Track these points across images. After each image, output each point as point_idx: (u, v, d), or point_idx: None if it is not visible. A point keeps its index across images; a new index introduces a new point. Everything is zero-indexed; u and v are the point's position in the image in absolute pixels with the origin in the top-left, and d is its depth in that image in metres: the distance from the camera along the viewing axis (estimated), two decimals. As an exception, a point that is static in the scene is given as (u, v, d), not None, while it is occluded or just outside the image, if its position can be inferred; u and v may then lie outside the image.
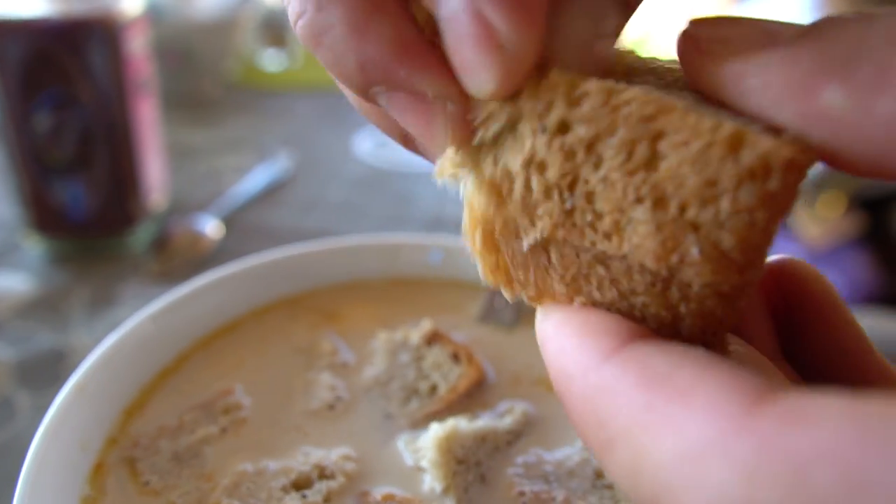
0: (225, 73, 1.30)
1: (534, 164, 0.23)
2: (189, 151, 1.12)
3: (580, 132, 0.22)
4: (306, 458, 0.44)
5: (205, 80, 1.26)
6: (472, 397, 0.49)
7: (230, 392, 0.48)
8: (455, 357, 0.51)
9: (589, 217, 0.23)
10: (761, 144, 0.20)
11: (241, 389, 0.49)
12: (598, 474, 0.45)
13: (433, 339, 0.52)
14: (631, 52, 0.26)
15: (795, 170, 0.20)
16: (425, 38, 0.25)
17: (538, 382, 0.52)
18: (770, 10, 1.82)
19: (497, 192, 0.25)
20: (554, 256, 0.25)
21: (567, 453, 0.46)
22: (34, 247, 0.84)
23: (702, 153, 0.20)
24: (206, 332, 0.53)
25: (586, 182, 0.23)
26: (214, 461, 0.44)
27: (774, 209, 0.21)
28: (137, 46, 0.80)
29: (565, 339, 0.23)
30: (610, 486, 0.44)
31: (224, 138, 1.17)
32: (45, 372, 0.68)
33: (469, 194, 0.26)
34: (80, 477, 0.41)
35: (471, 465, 0.44)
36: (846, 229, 1.81)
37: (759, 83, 0.21)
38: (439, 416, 0.47)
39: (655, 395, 0.19)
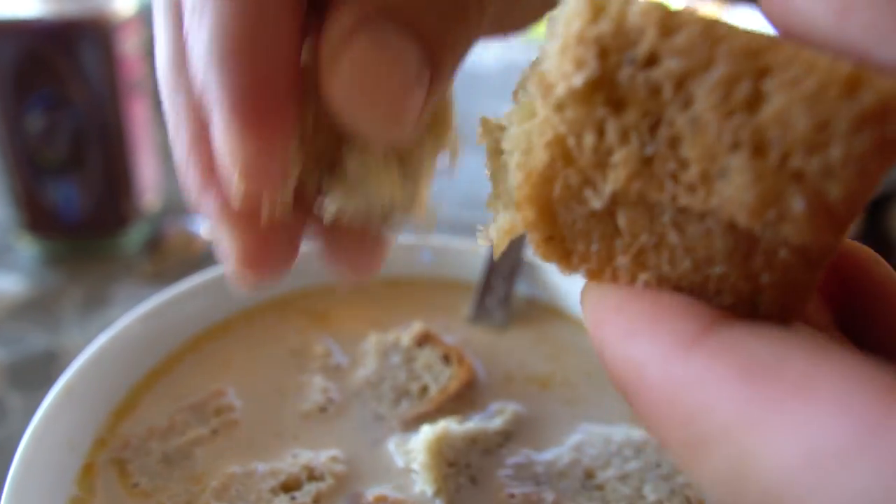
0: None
1: (611, 104, 0.21)
2: (183, 152, 1.11)
3: (671, 65, 0.19)
4: (295, 459, 0.44)
5: (200, 80, 1.26)
6: (464, 398, 0.49)
7: (222, 394, 0.48)
8: (446, 358, 0.51)
9: (672, 166, 0.20)
10: (882, 84, 0.18)
11: (234, 391, 0.49)
12: (588, 474, 0.45)
13: (424, 340, 0.52)
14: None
15: None
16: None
17: (530, 381, 0.52)
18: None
19: (562, 145, 0.22)
20: (622, 221, 0.22)
21: (557, 454, 0.46)
22: (27, 248, 0.84)
23: (815, 93, 0.18)
24: (196, 333, 0.53)
25: (671, 125, 0.20)
26: (204, 463, 0.43)
27: (887, 159, 0.18)
28: (131, 47, 0.80)
29: (633, 324, 0.20)
30: (601, 487, 0.44)
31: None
32: (38, 373, 0.68)
33: (522, 158, 0.23)
34: (69, 478, 0.41)
35: (461, 468, 0.44)
36: (842, 230, 1.81)
37: (866, 18, 0.19)
38: (430, 417, 0.47)
39: (763, 389, 0.16)
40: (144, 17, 0.86)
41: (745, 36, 0.19)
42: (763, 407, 0.16)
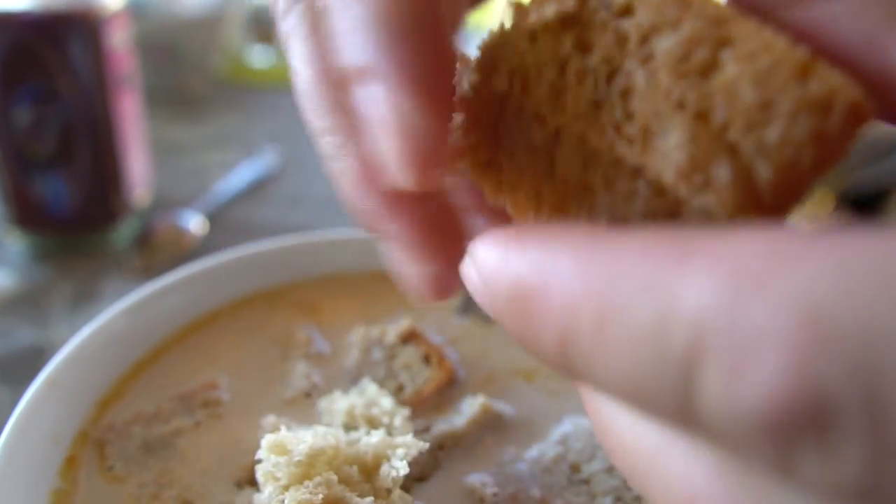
0: (211, 70, 1.30)
1: (578, 45, 0.21)
2: (174, 148, 1.11)
3: (641, 17, 0.20)
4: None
5: (190, 76, 1.26)
6: (442, 397, 0.49)
7: (214, 386, 0.48)
8: (426, 359, 0.51)
9: (618, 114, 0.21)
10: (832, 78, 0.18)
11: (225, 383, 0.48)
12: (574, 469, 0.45)
13: (409, 338, 0.52)
14: None
15: (855, 118, 0.19)
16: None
17: (516, 373, 0.52)
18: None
19: (523, 74, 0.23)
20: (559, 160, 0.23)
21: (542, 449, 0.46)
22: (16, 242, 0.84)
23: (767, 70, 0.19)
24: (181, 326, 0.52)
25: (628, 76, 0.21)
26: (182, 455, 0.43)
27: (821, 154, 0.19)
28: (119, 41, 0.79)
29: (531, 236, 0.21)
30: (587, 481, 0.44)
31: (210, 135, 1.17)
32: (25, 367, 0.68)
33: (477, 78, 0.24)
34: (52, 470, 0.41)
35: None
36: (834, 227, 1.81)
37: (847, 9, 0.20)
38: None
39: (668, 254, 0.17)
40: (133, 10, 0.85)
41: (714, 6, 0.20)
42: (673, 268, 0.17)
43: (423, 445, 0.39)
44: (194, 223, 0.88)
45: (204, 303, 0.54)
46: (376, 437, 0.39)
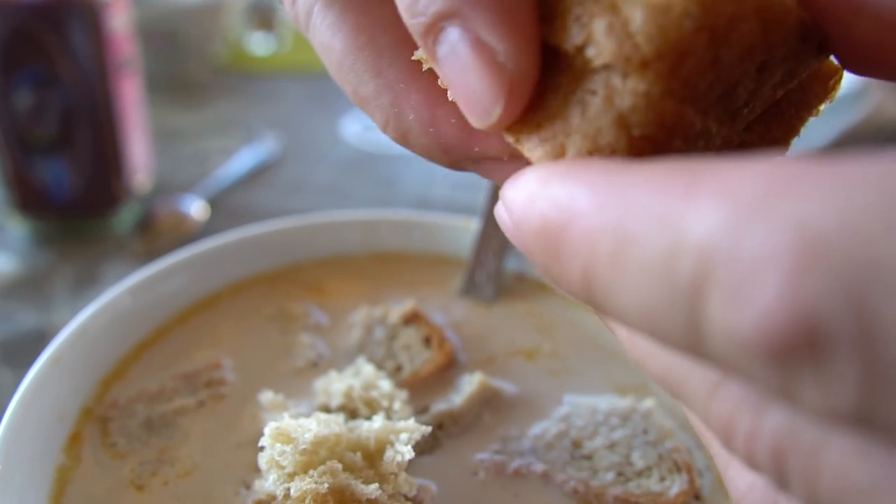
0: (212, 56, 1.30)
1: None
2: (175, 134, 1.11)
3: None
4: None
5: (191, 62, 1.25)
6: (440, 379, 0.49)
7: (218, 366, 0.48)
8: (427, 341, 0.51)
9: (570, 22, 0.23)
10: None
11: (230, 364, 0.49)
12: (576, 445, 0.45)
13: (412, 319, 0.52)
14: None
15: (760, 20, 0.20)
16: None
17: (517, 353, 0.52)
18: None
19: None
20: (548, 89, 0.24)
21: (544, 427, 0.46)
22: (17, 227, 0.84)
23: None
24: (185, 306, 0.53)
25: None
26: (183, 433, 0.44)
27: (715, 37, 0.20)
28: (119, 25, 0.79)
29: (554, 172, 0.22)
30: (589, 457, 0.44)
31: (210, 121, 1.17)
32: (29, 350, 0.68)
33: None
34: (57, 446, 0.41)
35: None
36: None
37: None
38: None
39: (679, 183, 0.18)
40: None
41: None
42: (681, 198, 0.17)
43: (426, 429, 0.39)
44: (195, 208, 0.88)
45: (207, 283, 0.54)
46: (378, 422, 0.39)
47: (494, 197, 0.61)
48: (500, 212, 0.23)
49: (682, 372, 0.22)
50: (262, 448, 0.38)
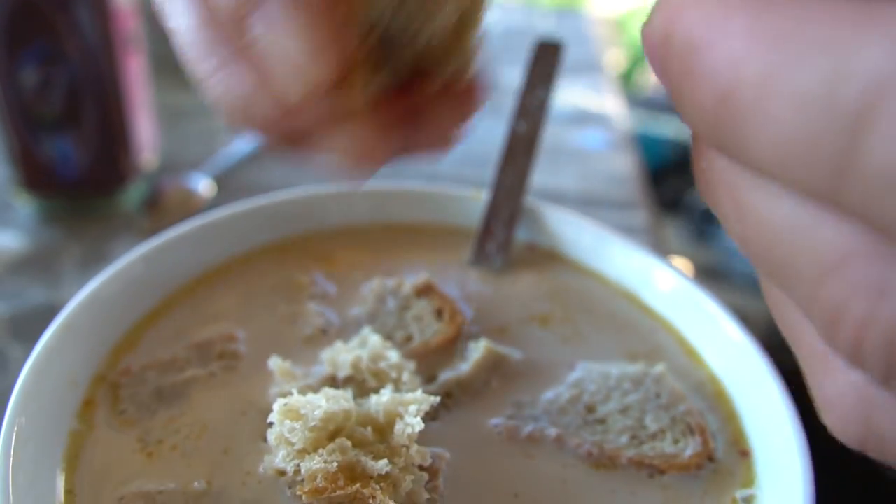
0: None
1: None
2: (181, 113, 1.11)
3: None
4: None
5: (196, 42, 1.25)
6: (448, 351, 0.49)
7: (232, 338, 0.48)
8: (439, 313, 0.51)
9: None
10: None
11: (243, 337, 0.48)
12: (589, 409, 0.45)
13: (424, 291, 0.52)
14: None
15: None
16: None
17: (531, 319, 0.52)
18: None
19: None
20: None
21: (557, 392, 0.46)
22: (25, 205, 0.84)
23: None
24: (196, 275, 0.52)
25: None
26: (192, 404, 0.43)
27: None
28: (124, 1, 0.79)
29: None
30: (602, 421, 0.44)
31: (216, 100, 1.16)
32: (38, 325, 0.68)
33: None
34: (70, 412, 0.42)
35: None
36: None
37: None
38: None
39: (840, 17, 0.17)
40: (138, -31, 0.85)
41: None
42: (850, 29, 0.17)
43: (434, 400, 0.39)
44: (202, 185, 0.88)
45: (218, 252, 0.54)
46: (385, 395, 0.39)
47: (504, 166, 0.61)
48: (646, 28, 0.22)
49: (797, 245, 0.20)
50: (270, 424, 0.38)
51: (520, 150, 0.61)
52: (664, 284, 0.53)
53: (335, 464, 0.35)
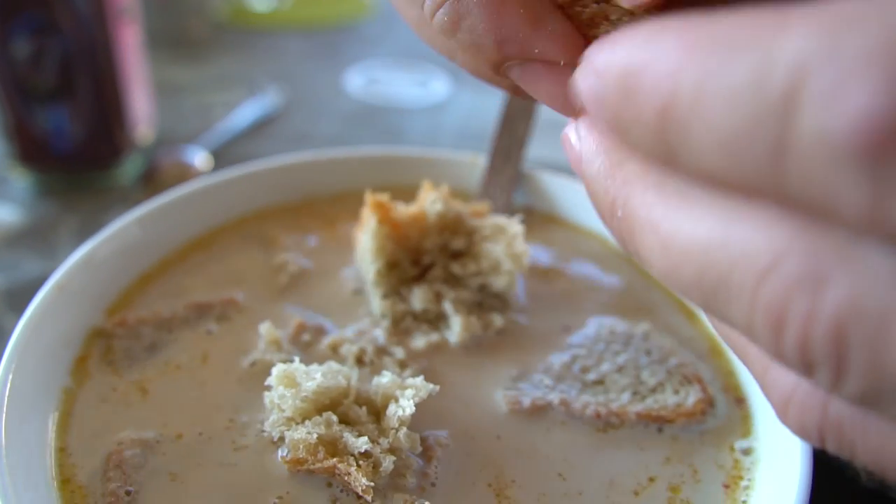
0: (211, 13, 1.28)
1: None
2: (177, 88, 1.10)
3: None
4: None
5: (191, 18, 1.24)
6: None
7: (233, 303, 0.48)
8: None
9: None
10: None
11: (242, 298, 0.48)
12: (585, 371, 0.45)
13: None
14: None
15: None
16: (554, 7, 0.28)
17: (525, 283, 0.51)
18: None
19: None
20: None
21: (551, 359, 0.45)
22: (20, 179, 0.83)
23: None
24: (192, 238, 0.52)
25: None
26: (186, 360, 0.43)
27: None
28: (117, -31, 0.78)
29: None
30: (600, 382, 0.44)
31: (212, 76, 1.15)
32: (33, 297, 0.68)
33: None
34: (63, 369, 0.41)
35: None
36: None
37: None
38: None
39: (760, 21, 0.18)
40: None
41: None
42: (771, 29, 0.18)
43: (434, 388, 0.38)
44: (199, 159, 0.87)
45: (214, 216, 0.54)
46: (387, 377, 0.39)
47: (502, 132, 0.60)
48: (580, 75, 0.23)
49: (727, 260, 0.20)
50: (268, 387, 0.38)
51: (518, 116, 0.60)
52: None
53: (315, 435, 0.36)
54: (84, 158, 0.82)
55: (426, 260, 0.48)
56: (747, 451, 0.40)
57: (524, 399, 0.42)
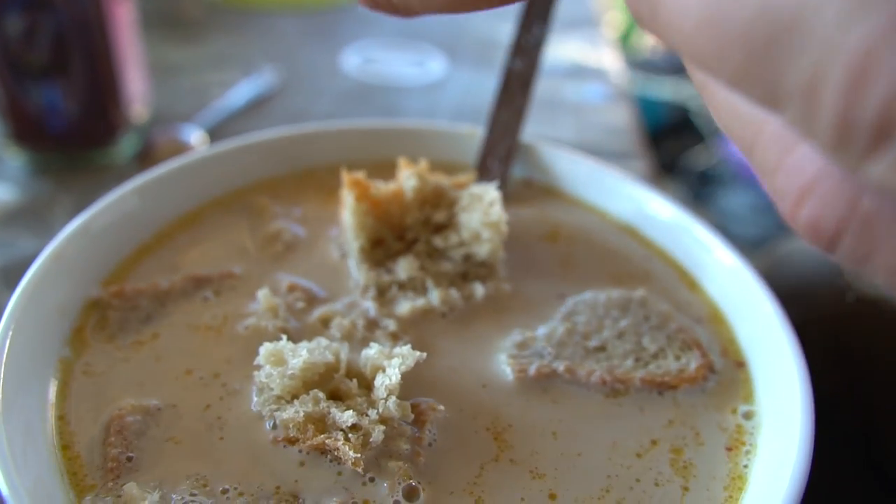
0: (207, -6, 1.27)
1: None
2: (172, 68, 1.09)
3: None
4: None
5: (185, -1, 1.23)
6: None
7: (231, 276, 0.47)
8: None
9: None
10: None
11: (240, 272, 0.48)
12: (586, 338, 0.44)
13: None
14: None
15: None
16: None
17: (524, 253, 0.51)
18: None
19: None
20: None
21: (551, 327, 0.45)
22: (16, 157, 0.82)
23: None
24: (189, 209, 0.52)
25: None
26: (184, 330, 0.43)
27: None
28: (110, -56, 0.77)
29: None
30: (602, 348, 0.44)
31: (208, 55, 1.14)
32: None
33: None
34: (60, 339, 0.41)
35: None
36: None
37: None
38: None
39: None
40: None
41: None
42: None
43: (421, 356, 0.38)
44: (195, 137, 0.87)
45: (214, 187, 0.53)
46: (374, 348, 0.39)
47: (501, 103, 0.60)
48: None
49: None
50: (257, 366, 0.38)
51: (516, 87, 0.60)
52: (659, 214, 0.53)
53: (301, 413, 0.36)
54: (78, 137, 0.81)
55: (410, 235, 0.49)
56: (748, 416, 0.40)
57: (531, 367, 0.42)
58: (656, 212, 0.53)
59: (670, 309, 0.45)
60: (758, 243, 1.68)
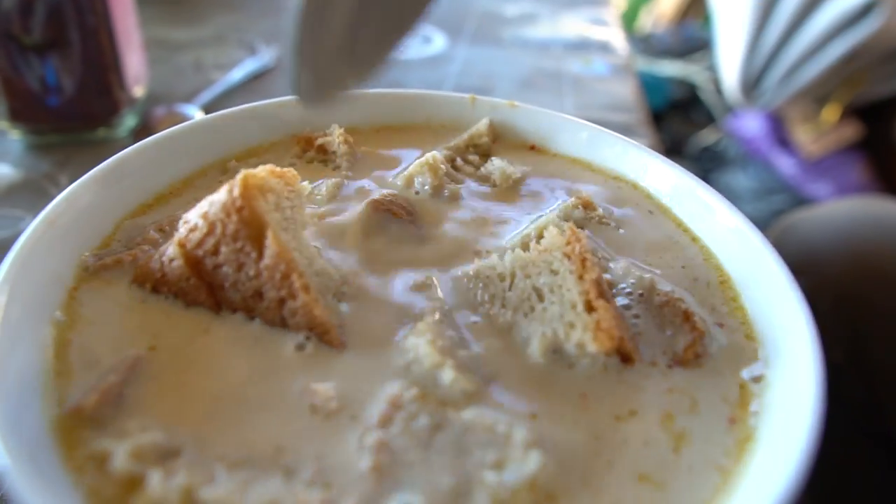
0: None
1: None
2: (170, 46, 1.08)
3: None
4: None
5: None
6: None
7: None
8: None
9: None
10: None
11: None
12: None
13: None
14: None
15: None
16: None
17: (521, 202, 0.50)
18: None
19: None
20: None
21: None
22: (15, 137, 0.82)
23: None
24: (187, 173, 0.51)
25: None
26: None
27: None
28: (104, -83, 0.76)
29: None
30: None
31: (205, 35, 1.14)
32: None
33: None
34: (54, 303, 0.40)
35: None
36: (842, 138, 1.77)
37: None
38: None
39: None
40: None
41: None
42: None
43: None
44: (193, 115, 0.86)
45: (209, 152, 0.53)
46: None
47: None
48: None
49: None
50: None
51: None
52: (661, 177, 0.52)
53: None
54: (76, 114, 0.81)
55: None
56: (758, 379, 0.39)
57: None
58: (657, 174, 0.52)
59: (654, 277, 0.44)
60: (765, 223, 1.67)
